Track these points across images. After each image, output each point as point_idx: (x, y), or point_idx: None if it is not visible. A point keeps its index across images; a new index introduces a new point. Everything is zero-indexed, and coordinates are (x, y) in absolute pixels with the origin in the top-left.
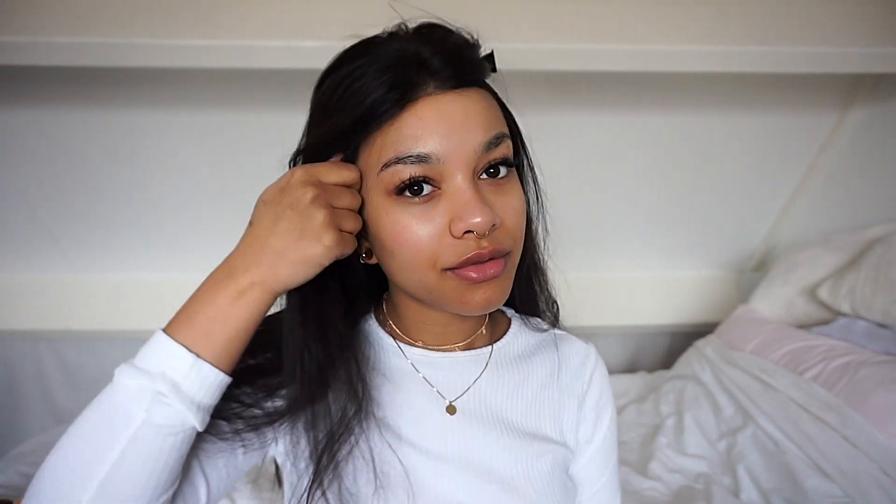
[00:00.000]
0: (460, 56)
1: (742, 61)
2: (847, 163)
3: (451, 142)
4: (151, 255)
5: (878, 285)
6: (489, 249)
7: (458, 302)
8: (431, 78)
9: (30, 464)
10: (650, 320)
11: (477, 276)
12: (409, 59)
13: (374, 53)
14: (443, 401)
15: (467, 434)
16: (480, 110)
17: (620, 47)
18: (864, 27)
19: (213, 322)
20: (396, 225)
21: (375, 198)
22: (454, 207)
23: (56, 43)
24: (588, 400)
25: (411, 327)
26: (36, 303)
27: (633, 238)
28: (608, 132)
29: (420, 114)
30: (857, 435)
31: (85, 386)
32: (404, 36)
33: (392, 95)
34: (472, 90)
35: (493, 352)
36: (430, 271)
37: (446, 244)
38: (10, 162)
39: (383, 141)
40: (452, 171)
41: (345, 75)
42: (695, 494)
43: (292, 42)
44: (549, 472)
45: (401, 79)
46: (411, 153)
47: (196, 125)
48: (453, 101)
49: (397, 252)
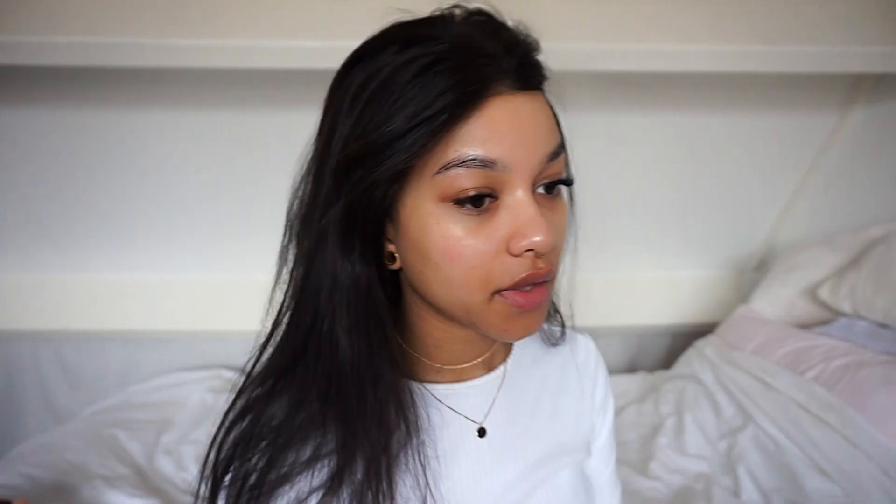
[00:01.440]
0: (527, 56)
1: (742, 61)
2: (847, 163)
3: (521, 149)
4: (151, 255)
5: (878, 285)
6: (546, 270)
7: (500, 329)
8: (503, 77)
9: (30, 464)
10: (650, 320)
11: (525, 304)
12: (477, 52)
13: (432, 40)
14: (473, 425)
15: (500, 458)
16: (547, 116)
17: (619, 47)
18: (864, 27)
19: None
20: (449, 237)
21: (424, 202)
22: (516, 222)
23: (56, 43)
24: (597, 396)
25: (431, 346)
26: (36, 303)
27: (634, 238)
28: (608, 132)
29: (492, 114)
30: (857, 435)
31: (85, 386)
32: (461, 24)
33: (463, 93)
34: (538, 93)
35: (507, 368)
36: (480, 292)
37: (501, 263)
38: (10, 162)
39: (448, 141)
40: (515, 182)
41: (398, 65)
42: (695, 494)
43: (292, 42)
44: (573, 481)
45: (472, 74)
46: (478, 156)
47: (196, 125)
48: (524, 104)
49: (445, 267)
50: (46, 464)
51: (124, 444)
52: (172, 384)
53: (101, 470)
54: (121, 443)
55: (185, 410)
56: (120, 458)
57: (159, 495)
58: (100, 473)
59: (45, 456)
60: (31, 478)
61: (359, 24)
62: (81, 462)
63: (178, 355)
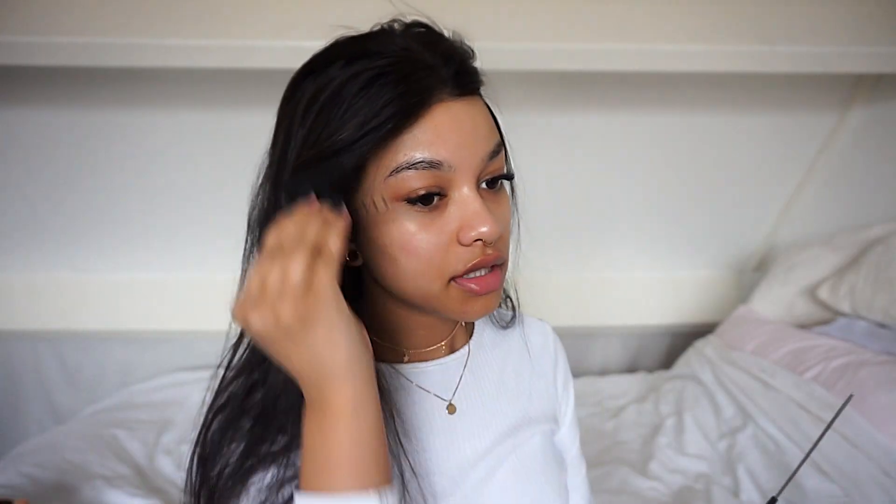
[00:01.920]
0: (464, 63)
1: (742, 61)
2: (847, 163)
3: (463, 150)
4: (151, 255)
5: (878, 285)
6: (493, 256)
7: (459, 311)
8: (443, 84)
9: (30, 464)
10: (650, 320)
11: (479, 289)
12: (418, 64)
13: (375, 54)
14: (442, 402)
15: (471, 431)
16: (485, 118)
17: (620, 47)
18: (864, 27)
19: (353, 450)
20: (404, 233)
21: (379, 202)
22: (463, 216)
23: (56, 43)
24: (558, 376)
25: (396, 332)
26: (36, 303)
27: (634, 238)
28: (608, 132)
29: (436, 120)
30: (857, 435)
31: (85, 386)
32: (402, 37)
33: (407, 104)
34: (475, 99)
35: (470, 348)
36: (437, 280)
37: (453, 252)
38: (10, 161)
39: (396, 147)
40: (460, 180)
41: (345, 78)
42: (695, 494)
43: (292, 42)
44: (542, 450)
45: (416, 84)
46: (424, 158)
47: (196, 125)
48: (464, 108)
49: (403, 260)
50: (47, 463)
51: (124, 443)
52: (172, 384)
53: (102, 470)
54: (121, 442)
55: (185, 410)
56: (120, 457)
57: (159, 495)
58: (100, 473)
59: (46, 456)
60: (32, 477)
61: (358, 25)
62: (82, 462)
63: (178, 355)
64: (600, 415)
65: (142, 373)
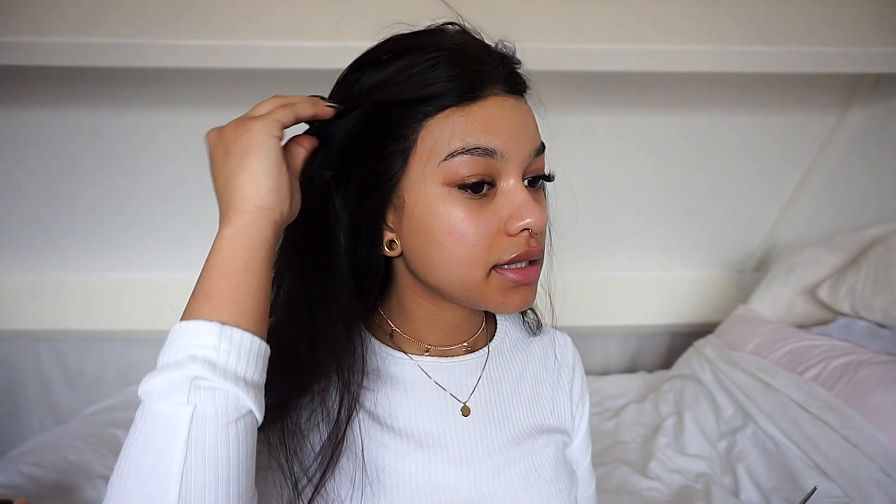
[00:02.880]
0: (514, 67)
1: (742, 61)
2: (847, 163)
3: (514, 143)
4: (151, 255)
5: (878, 285)
6: (536, 249)
7: (499, 302)
8: (497, 81)
9: (30, 464)
10: (650, 320)
11: (520, 279)
12: (474, 58)
13: (431, 46)
14: (457, 403)
15: (482, 435)
16: (533, 119)
17: (620, 47)
18: (864, 27)
19: (218, 281)
20: (453, 217)
21: (430, 186)
22: (511, 206)
23: (56, 43)
24: (574, 388)
25: (422, 328)
26: (36, 303)
27: (634, 238)
28: (608, 132)
29: (491, 110)
30: (857, 435)
31: (85, 386)
32: (456, 35)
33: (465, 86)
34: (523, 99)
35: (489, 350)
36: (479, 269)
37: (499, 242)
38: (11, 162)
39: (451, 128)
40: (509, 171)
41: (405, 64)
42: (695, 494)
43: (292, 42)
44: (554, 460)
45: (474, 73)
46: (480, 145)
47: (196, 125)
48: (516, 105)
49: (448, 246)
50: (47, 463)
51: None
52: None
53: (102, 469)
54: (121, 442)
55: None
56: None
57: None
58: (100, 473)
59: (46, 455)
60: (32, 477)
61: (358, 25)
62: (82, 461)
63: None
64: (600, 415)
65: (142, 373)
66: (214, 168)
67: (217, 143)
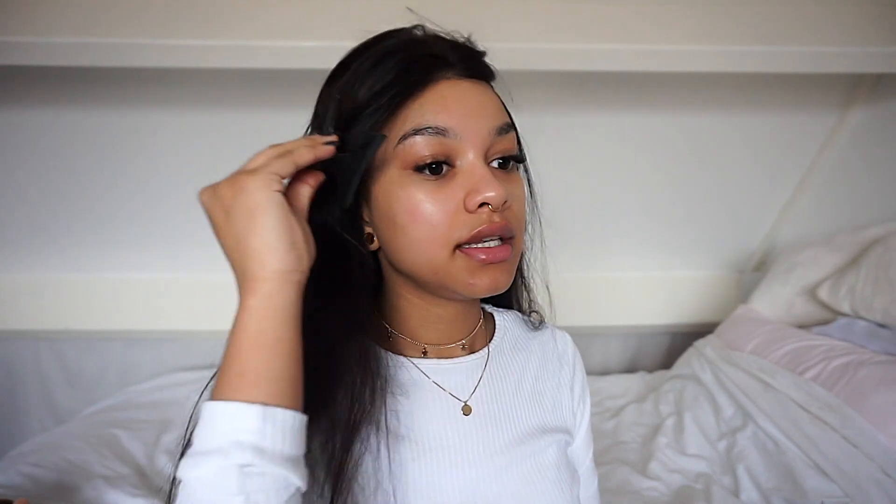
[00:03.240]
0: (473, 55)
1: (742, 61)
2: (847, 162)
3: (469, 121)
4: (151, 255)
5: (878, 285)
6: (500, 224)
7: (466, 283)
8: (449, 68)
9: (30, 464)
10: (650, 320)
11: (486, 258)
12: (425, 50)
13: (388, 38)
14: (458, 403)
15: (484, 435)
16: (492, 99)
17: (620, 47)
18: (864, 27)
19: (250, 357)
20: (412, 199)
21: (389, 171)
22: (469, 182)
23: (56, 43)
24: (576, 386)
25: (416, 326)
26: (36, 303)
27: (634, 238)
28: (608, 132)
29: (443, 92)
30: (857, 435)
31: (85, 386)
32: (416, 30)
33: (415, 73)
34: (483, 83)
35: (490, 350)
36: (443, 248)
37: (459, 219)
38: (11, 162)
39: (405, 114)
40: (467, 149)
41: (365, 59)
42: (695, 494)
43: (292, 42)
44: (557, 460)
45: (424, 61)
46: (430, 124)
47: (196, 125)
48: (470, 88)
49: (410, 228)
50: (47, 463)
51: (125, 443)
52: (172, 384)
53: (102, 469)
54: (121, 442)
55: (185, 410)
56: (120, 457)
57: (159, 495)
58: (100, 473)
59: (46, 455)
60: (32, 477)
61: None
62: (82, 462)
63: (178, 355)
64: (600, 415)
65: (142, 373)
66: (218, 232)
67: (214, 205)
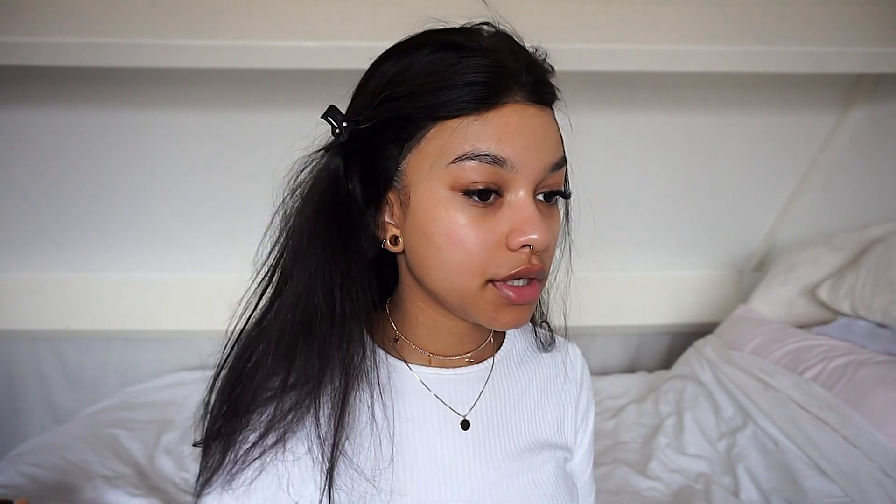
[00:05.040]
0: (544, 75)
1: (742, 61)
2: (847, 163)
3: (528, 154)
4: (151, 255)
5: (878, 285)
6: (538, 267)
7: (490, 317)
8: (520, 88)
9: (30, 464)
10: (650, 320)
11: (516, 298)
12: (501, 64)
13: (461, 47)
14: (456, 417)
15: (481, 449)
16: (555, 132)
17: (620, 47)
18: (864, 27)
19: None
20: (454, 223)
21: (435, 188)
22: (516, 220)
23: (56, 43)
24: (580, 404)
25: (424, 335)
26: (36, 303)
27: (634, 238)
28: (608, 132)
29: (508, 118)
30: (857, 435)
31: (85, 386)
32: (488, 37)
33: (484, 91)
34: (548, 110)
35: (494, 362)
36: (475, 279)
37: (498, 255)
38: (11, 162)
39: (464, 132)
40: (519, 182)
41: (431, 58)
42: (695, 494)
43: (292, 42)
44: (555, 477)
45: (495, 78)
46: (490, 152)
47: (196, 125)
48: (536, 116)
49: (446, 251)
50: (47, 463)
51: (124, 443)
52: (172, 384)
53: (102, 469)
54: (121, 442)
55: (185, 410)
56: (120, 457)
57: (160, 495)
58: (100, 473)
59: (46, 455)
60: (32, 477)
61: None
62: (82, 461)
63: (178, 355)
64: (600, 415)
65: (142, 373)
66: None
67: None
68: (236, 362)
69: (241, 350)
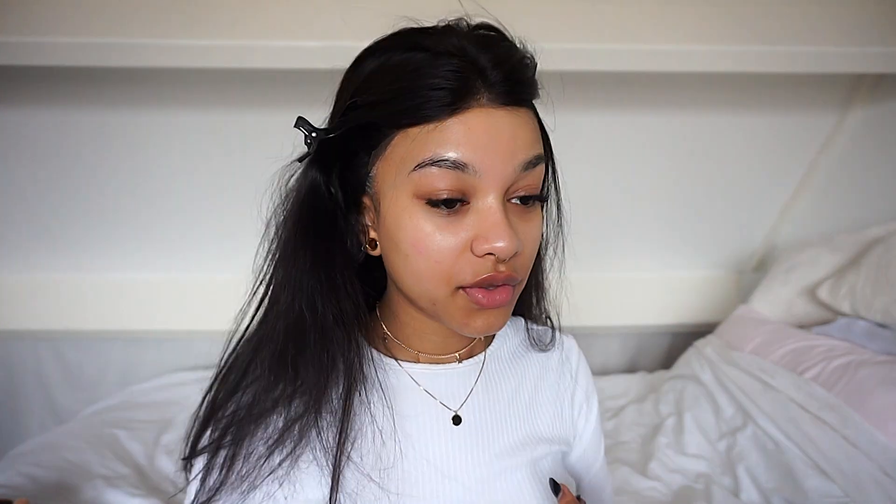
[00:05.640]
0: (518, 73)
1: (742, 61)
2: (847, 163)
3: (493, 158)
4: (151, 255)
5: (878, 285)
6: (505, 275)
7: (461, 323)
8: (487, 90)
9: (30, 464)
10: (650, 320)
11: (486, 302)
12: (468, 64)
13: (431, 48)
14: (447, 412)
15: (473, 444)
16: (527, 131)
17: (620, 47)
18: (864, 27)
19: None
20: (419, 231)
21: (401, 196)
22: (481, 226)
23: (56, 43)
24: (578, 393)
25: (412, 335)
26: (36, 303)
27: (634, 238)
28: (607, 132)
29: (469, 123)
30: (857, 435)
31: (85, 386)
32: (464, 35)
33: (445, 97)
34: (521, 109)
35: (486, 357)
36: (443, 286)
37: (464, 261)
38: (10, 162)
39: (425, 139)
40: (486, 188)
41: (397, 63)
42: (695, 494)
43: (292, 42)
44: (552, 471)
45: (457, 82)
46: (450, 157)
47: (196, 125)
48: (503, 118)
49: (413, 258)
50: (47, 463)
51: (125, 443)
52: (172, 384)
53: (102, 469)
54: (121, 442)
55: (185, 410)
56: (120, 457)
57: (159, 495)
58: (100, 473)
59: (46, 455)
60: (32, 477)
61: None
62: (82, 462)
63: (178, 355)
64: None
65: (142, 373)
66: None
67: None
68: (232, 376)
69: (236, 364)
